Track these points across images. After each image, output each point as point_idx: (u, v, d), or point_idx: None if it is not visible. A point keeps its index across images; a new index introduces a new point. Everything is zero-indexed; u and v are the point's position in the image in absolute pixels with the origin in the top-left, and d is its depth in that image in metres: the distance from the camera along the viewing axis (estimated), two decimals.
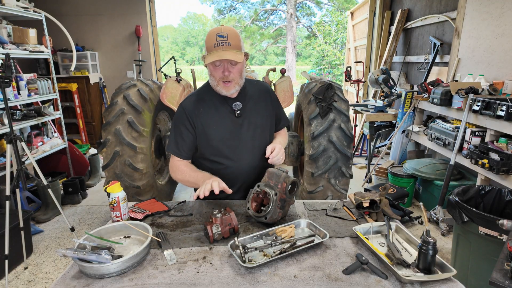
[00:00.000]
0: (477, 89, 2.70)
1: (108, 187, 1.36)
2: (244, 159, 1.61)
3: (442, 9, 3.89)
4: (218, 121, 1.56)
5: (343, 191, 2.55)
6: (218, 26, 1.46)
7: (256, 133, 1.61)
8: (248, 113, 1.60)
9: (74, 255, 1.06)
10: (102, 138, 2.68)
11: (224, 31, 1.42)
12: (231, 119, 1.57)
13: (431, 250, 1.02)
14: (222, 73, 1.46)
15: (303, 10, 21.33)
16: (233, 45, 1.42)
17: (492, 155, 2.35)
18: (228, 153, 1.59)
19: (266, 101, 1.67)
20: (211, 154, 1.61)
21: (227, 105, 1.57)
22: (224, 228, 1.25)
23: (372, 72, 4.34)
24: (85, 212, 3.53)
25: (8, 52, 3.08)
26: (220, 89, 1.50)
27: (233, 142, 1.58)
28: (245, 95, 1.60)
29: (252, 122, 1.60)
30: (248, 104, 1.60)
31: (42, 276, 2.49)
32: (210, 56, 1.41)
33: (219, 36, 1.40)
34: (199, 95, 1.60)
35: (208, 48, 1.43)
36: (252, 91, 1.64)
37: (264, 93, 1.67)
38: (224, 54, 1.39)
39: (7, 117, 2.45)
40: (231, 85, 1.48)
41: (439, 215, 2.91)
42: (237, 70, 1.47)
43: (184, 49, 30.93)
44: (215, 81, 1.49)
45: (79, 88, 5.07)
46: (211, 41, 1.41)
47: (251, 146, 1.61)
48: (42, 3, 4.84)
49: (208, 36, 1.43)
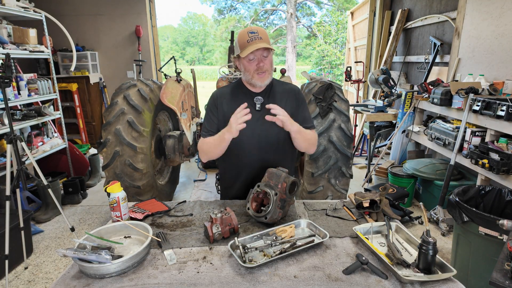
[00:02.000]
0: (477, 89, 2.70)
1: (108, 187, 1.36)
2: (254, 153, 1.65)
3: (442, 9, 3.89)
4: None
5: (343, 191, 2.55)
6: (247, 27, 1.60)
7: (272, 129, 1.63)
8: (268, 109, 1.62)
9: (74, 255, 1.06)
10: (102, 138, 2.68)
11: (254, 29, 1.57)
12: (251, 112, 1.58)
13: (431, 250, 1.02)
14: (256, 65, 1.56)
15: (303, 10, 21.32)
16: (264, 39, 1.55)
17: (492, 155, 2.35)
18: (241, 144, 1.63)
19: (290, 100, 1.71)
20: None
21: (250, 98, 1.65)
22: (224, 228, 1.25)
23: (372, 72, 4.33)
24: (85, 212, 3.53)
25: (8, 52, 3.08)
26: (255, 82, 1.60)
27: (248, 133, 1.60)
28: (270, 91, 1.69)
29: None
30: (270, 100, 1.65)
31: (42, 276, 2.49)
32: (246, 50, 1.51)
33: (250, 33, 1.54)
34: (229, 88, 1.74)
35: (241, 45, 1.55)
36: (278, 89, 1.72)
37: (289, 93, 1.73)
38: (259, 44, 1.51)
39: (7, 117, 2.45)
40: (265, 75, 1.59)
41: (439, 215, 2.90)
42: (269, 61, 1.59)
43: (184, 49, 30.94)
44: (249, 75, 1.59)
45: (79, 88, 5.07)
46: (244, 38, 1.54)
47: (264, 141, 1.65)
48: (42, 3, 4.84)
49: (240, 36, 1.56)
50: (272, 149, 1.67)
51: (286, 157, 1.74)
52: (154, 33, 5.59)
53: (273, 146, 1.67)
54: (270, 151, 1.67)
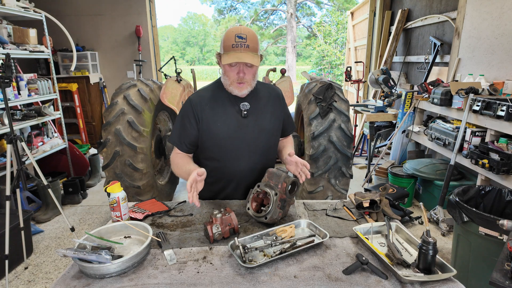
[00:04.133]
0: (477, 89, 2.70)
1: (108, 187, 1.36)
2: (244, 160, 1.60)
3: (442, 9, 3.89)
4: (224, 119, 1.55)
5: (343, 191, 2.55)
6: (237, 26, 1.43)
7: (261, 135, 1.60)
8: (255, 115, 1.59)
9: (74, 255, 1.06)
10: (102, 138, 2.68)
11: (244, 32, 1.40)
12: (237, 119, 1.56)
13: (431, 250, 1.02)
14: (237, 74, 1.45)
15: (303, 10, 21.34)
16: (251, 47, 1.41)
17: (492, 155, 2.35)
18: (229, 152, 1.58)
19: (275, 105, 1.66)
20: (212, 151, 1.60)
21: (235, 104, 1.56)
22: (224, 228, 1.25)
23: (372, 72, 4.33)
24: (85, 212, 3.53)
25: (9, 52, 3.08)
26: (232, 89, 1.50)
27: (236, 141, 1.57)
28: (255, 96, 1.59)
29: (258, 124, 1.59)
30: (256, 106, 1.59)
31: (42, 276, 2.49)
32: (228, 56, 1.40)
33: (238, 37, 1.39)
34: (209, 91, 1.60)
35: (225, 47, 1.41)
36: (263, 94, 1.63)
37: (274, 97, 1.67)
38: (242, 56, 1.38)
39: (7, 117, 2.45)
40: (244, 86, 1.48)
41: (439, 215, 2.91)
42: (252, 73, 1.48)
43: (184, 49, 30.95)
44: (228, 81, 1.49)
45: (79, 88, 5.07)
46: (230, 41, 1.40)
47: (253, 147, 1.60)
48: (42, 3, 4.84)
49: (226, 35, 1.41)
50: (263, 155, 1.63)
51: (276, 161, 1.73)
52: (154, 33, 5.59)
53: (264, 152, 1.63)
54: (261, 157, 1.63)
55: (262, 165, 1.63)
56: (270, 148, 1.67)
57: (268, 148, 1.64)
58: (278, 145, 1.75)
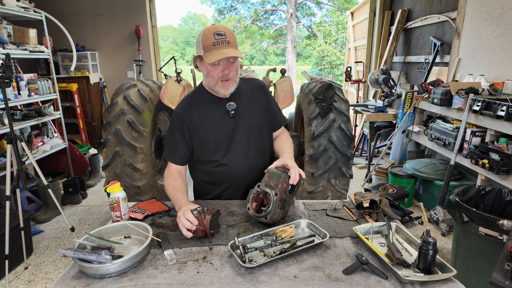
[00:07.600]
0: (477, 89, 2.70)
1: (108, 187, 1.36)
2: (240, 160, 1.59)
3: (442, 9, 3.89)
4: (213, 122, 1.54)
5: (343, 191, 2.55)
6: (212, 25, 1.42)
7: (252, 132, 1.59)
8: (243, 113, 1.57)
9: (74, 255, 1.06)
10: (102, 138, 2.68)
11: (221, 29, 1.40)
12: (226, 120, 1.55)
13: (431, 250, 1.02)
14: (221, 72, 1.43)
15: (303, 10, 21.34)
16: (232, 42, 1.40)
17: (492, 155, 2.35)
18: (223, 154, 1.57)
19: (261, 98, 1.63)
20: (207, 156, 1.59)
21: (221, 106, 1.55)
22: (197, 226, 1.24)
23: (372, 72, 4.33)
24: (85, 212, 3.53)
25: (9, 52, 3.08)
26: (218, 89, 1.48)
27: (229, 142, 1.56)
28: (239, 94, 1.57)
29: (247, 122, 1.58)
30: (242, 104, 1.57)
31: (42, 276, 2.49)
32: (212, 55, 1.37)
33: (217, 34, 1.37)
34: (192, 98, 1.58)
35: (206, 47, 1.39)
36: (246, 90, 1.61)
37: (257, 90, 1.64)
38: (228, 51, 1.37)
39: (7, 117, 2.45)
40: (229, 83, 1.46)
41: (439, 215, 2.90)
42: (235, 68, 1.46)
43: (184, 49, 30.92)
44: (213, 81, 1.46)
45: (79, 88, 5.07)
46: (209, 40, 1.38)
47: (246, 146, 1.59)
48: (42, 3, 4.84)
49: (204, 36, 1.39)
50: (258, 151, 1.62)
51: (270, 158, 1.70)
52: (154, 33, 5.59)
53: (259, 147, 1.62)
54: (255, 153, 1.61)
55: (258, 163, 1.63)
56: (265, 143, 1.65)
57: (262, 143, 1.62)
58: (273, 141, 1.72)
